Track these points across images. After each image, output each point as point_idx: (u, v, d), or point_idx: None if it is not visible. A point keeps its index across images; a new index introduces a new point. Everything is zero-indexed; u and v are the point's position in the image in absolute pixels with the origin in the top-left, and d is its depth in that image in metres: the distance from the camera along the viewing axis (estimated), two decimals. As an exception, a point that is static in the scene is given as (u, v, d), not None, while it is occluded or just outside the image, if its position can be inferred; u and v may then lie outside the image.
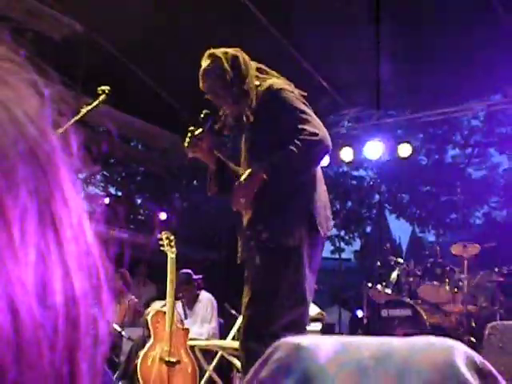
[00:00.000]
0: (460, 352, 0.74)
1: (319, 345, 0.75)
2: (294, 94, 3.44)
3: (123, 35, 8.65)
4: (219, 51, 3.51)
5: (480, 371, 0.74)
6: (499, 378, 0.75)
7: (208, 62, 3.49)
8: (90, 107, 3.83)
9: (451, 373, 0.71)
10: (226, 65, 3.44)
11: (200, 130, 3.52)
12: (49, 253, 0.41)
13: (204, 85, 3.52)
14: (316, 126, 3.31)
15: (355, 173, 19.05)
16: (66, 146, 0.46)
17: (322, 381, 0.71)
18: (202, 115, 3.56)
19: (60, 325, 0.41)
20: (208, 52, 3.53)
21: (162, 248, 6.02)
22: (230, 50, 3.52)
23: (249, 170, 3.30)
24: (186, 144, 3.51)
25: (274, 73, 3.65)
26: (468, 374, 0.72)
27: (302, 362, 0.73)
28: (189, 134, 3.51)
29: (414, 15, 8.05)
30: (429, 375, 0.71)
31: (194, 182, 13.82)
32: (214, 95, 3.53)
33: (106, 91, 3.87)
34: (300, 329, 3.21)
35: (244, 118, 3.46)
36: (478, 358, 0.75)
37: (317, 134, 3.24)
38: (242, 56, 3.53)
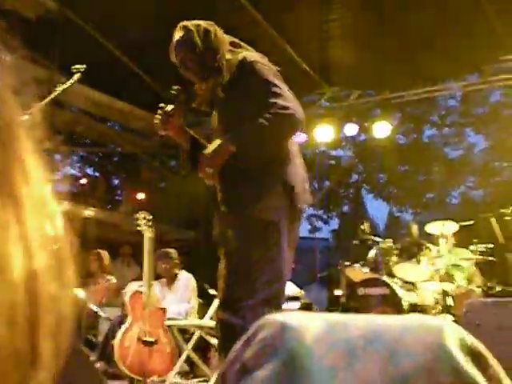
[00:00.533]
0: (451, 332, 0.72)
1: (306, 324, 0.72)
2: (267, 66, 3.37)
3: (98, 11, 8.55)
4: (192, 23, 3.45)
5: (471, 352, 0.72)
6: (490, 357, 0.73)
7: (180, 33, 3.44)
8: (64, 86, 3.78)
9: (442, 354, 0.69)
10: (196, 38, 3.38)
11: (170, 106, 3.47)
12: (7, 225, 0.39)
13: (175, 57, 3.47)
14: (288, 99, 3.23)
15: (333, 152, 19.09)
16: (32, 122, 0.45)
17: (309, 362, 0.68)
18: (173, 91, 3.50)
19: (19, 300, 0.39)
20: (180, 24, 3.47)
21: (138, 228, 5.99)
22: (203, 23, 3.46)
23: (216, 141, 3.26)
24: (155, 121, 3.45)
25: (247, 46, 3.59)
26: (459, 356, 0.70)
27: (287, 342, 0.70)
28: (159, 111, 3.46)
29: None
30: (420, 357, 0.69)
31: (173, 162, 13.77)
32: (185, 69, 3.47)
33: (81, 70, 3.81)
34: (276, 304, 3.17)
35: (215, 92, 3.42)
36: (469, 338, 0.73)
37: (288, 108, 3.17)
38: (215, 29, 3.47)
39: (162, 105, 3.47)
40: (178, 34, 3.45)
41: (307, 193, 3.43)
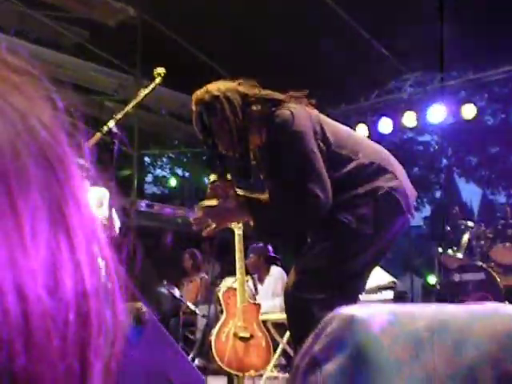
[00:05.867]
0: (520, 319, 0.71)
1: (373, 316, 0.73)
2: (304, 124, 3.12)
3: (176, 15, 8.68)
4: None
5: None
6: None
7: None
8: (147, 91, 3.86)
9: (510, 343, 0.69)
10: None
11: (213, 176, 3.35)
12: (60, 252, 0.41)
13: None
14: (322, 178, 3.02)
15: (420, 138, 18.78)
16: (80, 156, 0.48)
17: (375, 354, 0.70)
18: (211, 182, 3.36)
19: (70, 318, 0.41)
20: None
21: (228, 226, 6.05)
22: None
23: (242, 201, 3.23)
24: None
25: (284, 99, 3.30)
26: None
27: (355, 334, 0.72)
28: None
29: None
30: (487, 346, 0.69)
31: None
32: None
33: (162, 73, 3.88)
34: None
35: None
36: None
37: (318, 198, 2.97)
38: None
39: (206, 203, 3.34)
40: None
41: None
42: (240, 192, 3.34)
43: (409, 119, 9.68)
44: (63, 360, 0.40)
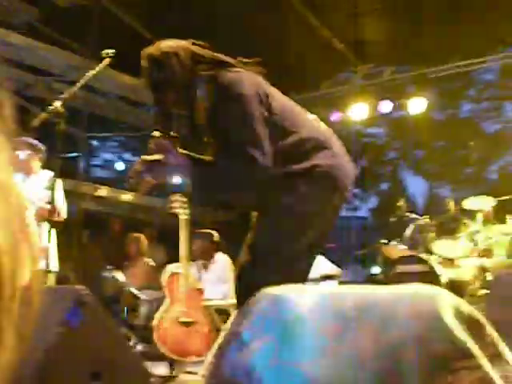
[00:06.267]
0: (446, 301, 0.72)
1: (301, 296, 0.73)
2: (248, 85, 3.12)
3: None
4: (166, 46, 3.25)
5: (468, 320, 0.72)
6: (487, 325, 0.73)
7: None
8: (93, 71, 3.81)
9: (435, 323, 0.70)
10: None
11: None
12: None
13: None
14: (261, 143, 3.02)
15: (369, 130, 18.94)
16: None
17: (302, 333, 0.70)
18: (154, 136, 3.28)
19: None
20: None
21: (172, 210, 6.03)
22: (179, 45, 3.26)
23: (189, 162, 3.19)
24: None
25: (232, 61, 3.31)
26: (453, 324, 0.70)
27: (282, 314, 0.72)
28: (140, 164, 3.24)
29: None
30: (412, 325, 0.70)
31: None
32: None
33: (110, 54, 3.84)
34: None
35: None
36: (465, 306, 0.73)
37: (256, 160, 2.97)
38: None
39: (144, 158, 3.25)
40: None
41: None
42: (183, 151, 3.32)
43: (358, 111, 9.76)
44: None
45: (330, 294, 0.75)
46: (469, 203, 7.60)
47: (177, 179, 3.38)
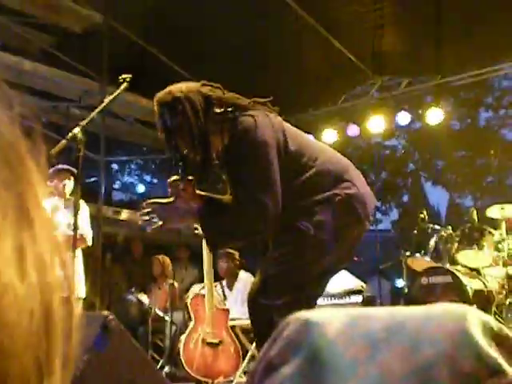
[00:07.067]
0: (474, 318, 0.72)
1: (329, 319, 0.73)
2: (269, 136, 3.13)
3: (143, 21, 8.68)
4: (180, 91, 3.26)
5: (497, 337, 0.72)
6: (518, 341, 0.72)
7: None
8: (111, 97, 3.85)
9: (464, 341, 0.69)
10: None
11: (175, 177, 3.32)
12: (25, 246, 0.43)
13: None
14: (274, 191, 3.04)
15: (387, 142, 18.94)
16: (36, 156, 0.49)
17: (331, 356, 0.70)
18: (172, 182, 3.33)
19: (35, 309, 0.42)
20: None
21: (196, 231, 6.04)
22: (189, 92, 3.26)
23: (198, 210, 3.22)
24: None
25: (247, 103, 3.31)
26: (483, 341, 0.70)
27: (310, 338, 0.72)
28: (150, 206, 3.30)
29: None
30: (441, 344, 0.69)
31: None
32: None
33: (127, 79, 3.87)
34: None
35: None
36: (494, 323, 0.73)
37: (267, 208, 2.99)
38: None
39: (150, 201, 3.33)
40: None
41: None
42: (201, 193, 3.34)
43: (376, 124, 9.74)
44: (28, 350, 0.41)
45: (357, 315, 0.75)
46: (492, 212, 7.55)
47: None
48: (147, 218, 3.28)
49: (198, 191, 3.32)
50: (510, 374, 0.68)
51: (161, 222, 3.26)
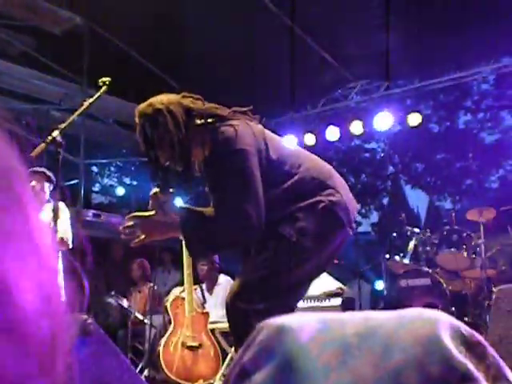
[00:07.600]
0: (445, 324, 0.73)
1: (302, 325, 0.74)
2: (249, 145, 3.13)
3: (124, 24, 8.65)
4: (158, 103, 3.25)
5: (467, 342, 0.72)
6: (488, 347, 0.73)
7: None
8: (91, 100, 3.83)
9: (434, 346, 0.70)
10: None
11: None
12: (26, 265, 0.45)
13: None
14: (257, 202, 3.04)
15: (367, 145, 19.00)
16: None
17: (304, 362, 0.70)
18: (155, 191, 3.30)
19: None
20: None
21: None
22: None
23: (178, 221, 3.18)
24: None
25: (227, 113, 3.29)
26: (452, 347, 0.71)
27: (283, 344, 0.72)
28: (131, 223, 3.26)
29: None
30: (412, 350, 0.70)
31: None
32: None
33: (107, 82, 3.86)
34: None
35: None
36: (464, 328, 0.74)
37: (251, 219, 2.99)
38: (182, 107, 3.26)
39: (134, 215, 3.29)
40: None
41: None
42: (183, 205, 3.33)
43: (355, 127, 9.78)
44: (37, 352, 0.42)
45: (330, 320, 0.75)
46: (470, 214, 7.60)
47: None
48: (129, 231, 3.26)
49: (179, 204, 3.33)
50: (480, 381, 0.69)
51: (143, 236, 3.24)
